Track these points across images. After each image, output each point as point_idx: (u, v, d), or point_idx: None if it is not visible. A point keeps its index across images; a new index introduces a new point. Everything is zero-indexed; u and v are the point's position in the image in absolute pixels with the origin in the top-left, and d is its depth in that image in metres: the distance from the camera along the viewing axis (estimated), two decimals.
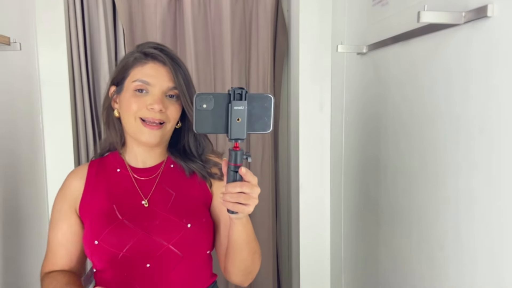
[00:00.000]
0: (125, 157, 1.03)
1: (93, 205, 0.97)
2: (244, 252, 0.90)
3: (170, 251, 0.93)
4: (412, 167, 1.13)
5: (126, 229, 0.93)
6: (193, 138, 1.03)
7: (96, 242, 0.92)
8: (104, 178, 1.00)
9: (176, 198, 0.98)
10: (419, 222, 1.10)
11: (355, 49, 1.40)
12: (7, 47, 1.26)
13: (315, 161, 1.85)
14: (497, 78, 0.80)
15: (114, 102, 1.01)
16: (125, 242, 0.92)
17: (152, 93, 0.94)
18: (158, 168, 1.02)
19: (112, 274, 0.95)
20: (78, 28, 1.77)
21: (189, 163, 1.00)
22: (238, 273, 0.95)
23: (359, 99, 1.49)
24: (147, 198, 0.98)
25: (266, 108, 0.76)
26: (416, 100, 1.10)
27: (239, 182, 0.76)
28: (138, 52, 0.98)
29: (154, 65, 0.95)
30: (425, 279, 1.07)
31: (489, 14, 0.80)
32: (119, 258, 0.92)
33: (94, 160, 1.05)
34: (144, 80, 0.94)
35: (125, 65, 0.98)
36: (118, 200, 0.97)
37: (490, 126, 0.82)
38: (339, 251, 1.77)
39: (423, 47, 1.05)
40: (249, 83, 2.07)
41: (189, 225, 0.95)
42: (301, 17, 1.78)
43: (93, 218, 0.95)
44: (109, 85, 1.02)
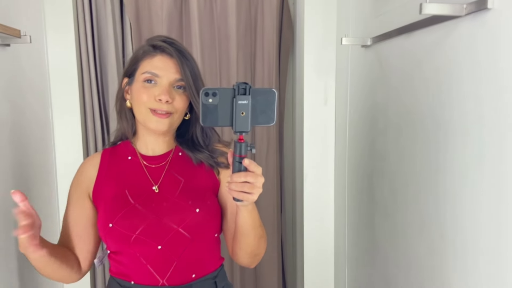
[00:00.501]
0: (136, 145, 1.07)
1: (106, 191, 1.02)
2: (251, 236, 0.95)
3: (180, 234, 0.98)
4: (415, 159, 1.15)
5: (138, 213, 0.98)
6: (200, 129, 1.07)
7: (110, 225, 0.97)
8: (116, 165, 1.05)
9: (185, 184, 1.03)
10: (420, 213, 1.12)
11: (360, 41, 1.42)
12: (18, 39, 1.28)
13: (319, 154, 1.87)
14: (498, 69, 0.82)
15: (126, 93, 1.05)
16: (137, 225, 0.97)
17: (160, 84, 0.98)
18: (167, 156, 1.06)
19: (125, 255, 1.00)
20: (86, 22, 1.80)
21: (196, 153, 1.05)
22: (245, 255, 1.00)
23: (364, 92, 1.51)
24: (157, 184, 1.02)
25: (269, 102, 0.80)
26: (420, 92, 1.11)
27: (243, 172, 0.80)
28: (147, 45, 1.02)
29: (162, 58, 0.99)
30: (427, 269, 1.10)
31: (489, 6, 0.81)
32: (131, 240, 0.97)
33: (107, 149, 1.10)
34: (152, 72, 0.98)
35: (135, 57, 1.03)
36: (130, 186, 1.02)
37: (491, 118, 0.84)
38: (343, 241, 1.79)
39: (427, 39, 1.07)
40: (254, 76, 2.09)
41: (197, 209, 0.99)
42: (306, 11, 1.79)
43: (106, 203, 1.00)
44: (122, 77, 1.07)
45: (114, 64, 1.82)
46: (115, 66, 1.83)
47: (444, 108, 1.00)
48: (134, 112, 1.02)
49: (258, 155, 2.08)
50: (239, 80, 2.04)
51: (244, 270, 2.14)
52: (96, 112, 1.85)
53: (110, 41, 1.82)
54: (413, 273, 1.17)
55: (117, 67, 1.84)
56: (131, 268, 1.00)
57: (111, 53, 1.82)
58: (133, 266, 1.00)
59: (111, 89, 1.84)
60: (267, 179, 2.09)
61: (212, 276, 1.05)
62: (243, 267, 2.13)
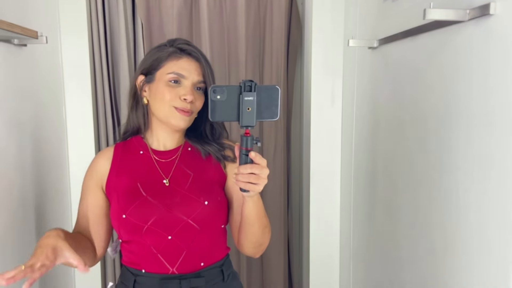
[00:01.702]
0: (147, 140, 1.13)
1: (119, 183, 1.08)
2: (256, 226, 1.00)
3: (189, 225, 1.04)
4: (419, 160, 1.17)
5: (150, 205, 1.03)
6: (210, 126, 1.13)
7: (124, 216, 1.03)
8: (128, 159, 1.11)
9: (194, 178, 1.08)
10: (425, 214, 1.14)
11: (366, 43, 1.44)
12: (35, 40, 1.32)
13: (326, 153, 1.90)
14: (498, 74, 0.84)
15: (142, 91, 1.10)
16: (149, 216, 1.02)
17: (184, 84, 1.05)
18: (177, 151, 1.12)
19: (136, 244, 1.06)
20: (99, 22, 1.84)
21: (205, 146, 1.11)
22: (250, 245, 1.05)
23: (370, 93, 1.53)
24: (168, 177, 1.08)
25: (273, 98, 0.86)
26: (425, 94, 1.13)
27: (249, 164, 0.86)
28: (173, 46, 1.07)
29: (188, 60, 1.06)
30: (431, 269, 1.12)
31: (491, 12, 0.83)
32: (143, 230, 1.02)
33: (119, 143, 1.15)
34: (179, 73, 1.04)
35: (158, 57, 1.07)
36: (141, 179, 1.07)
37: (493, 120, 0.86)
38: (348, 240, 1.82)
39: (431, 42, 1.09)
40: (262, 75, 2.12)
41: (206, 202, 1.05)
42: (314, 12, 1.81)
43: (119, 195, 1.06)
44: (137, 74, 1.11)
45: (126, 63, 1.86)
46: (126, 65, 1.87)
47: (448, 109, 1.02)
48: (153, 108, 1.07)
49: (266, 154, 2.11)
50: (247, 78, 2.07)
51: (251, 265, 2.18)
52: (108, 110, 1.89)
53: (122, 41, 1.86)
54: (417, 274, 1.20)
55: (129, 65, 1.88)
56: (142, 257, 1.06)
57: (123, 52, 1.86)
58: (144, 255, 1.05)
59: (122, 87, 1.88)
60: (274, 177, 2.12)
61: (219, 265, 1.11)
62: (250, 262, 2.17)
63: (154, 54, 1.08)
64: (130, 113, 1.14)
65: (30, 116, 1.45)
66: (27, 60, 1.43)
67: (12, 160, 1.30)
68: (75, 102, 1.81)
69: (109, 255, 1.42)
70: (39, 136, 1.54)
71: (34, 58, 1.50)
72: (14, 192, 1.30)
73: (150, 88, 1.07)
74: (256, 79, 2.09)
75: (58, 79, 1.76)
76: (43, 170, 1.58)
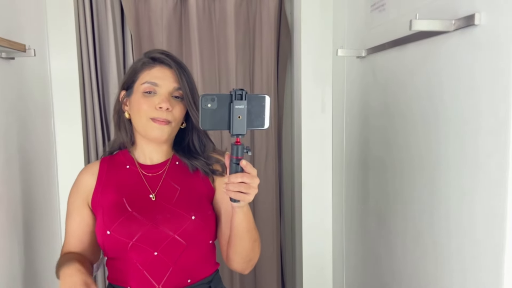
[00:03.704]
0: (134, 154, 1.11)
1: (105, 199, 1.05)
2: (245, 239, 0.98)
3: (176, 240, 1.01)
4: (409, 166, 1.18)
5: (136, 220, 1.01)
6: (197, 137, 1.11)
7: (108, 232, 1.00)
8: (114, 174, 1.08)
9: (181, 193, 1.06)
10: (415, 219, 1.15)
11: (355, 53, 1.45)
12: (23, 53, 1.32)
13: (317, 160, 1.91)
14: (483, 83, 0.85)
15: (124, 105, 1.09)
16: (134, 232, 1.00)
17: (160, 93, 1.02)
18: (164, 165, 1.10)
19: (122, 261, 1.03)
20: (88, 34, 1.84)
21: (193, 160, 1.08)
22: (240, 260, 1.03)
23: (359, 101, 1.54)
24: (154, 192, 1.06)
25: (263, 106, 0.86)
26: (412, 102, 1.15)
27: (240, 173, 0.85)
28: (146, 57, 1.06)
29: (160, 68, 1.04)
30: (421, 274, 1.13)
31: (476, 22, 0.85)
32: (129, 247, 1.00)
33: (105, 158, 1.13)
34: (152, 81, 1.02)
35: (134, 70, 1.07)
36: (127, 194, 1.05)
37: (479, 127, 0.87)
38: (341, 247, 1.82)
39: (418, 52, 1.10)
40: (253, 84, 2.13)
41: (193, 217, 1.02)
42: (303, 22, 1.83)
43: (104, 210, 1.03)
44: (120, 90, 1.10)
45: (115, 74, 1.86)
46: (116, 76, 1.86)
47: (436, 117, 1.03)
48: (133, 122, 1.06)
49: (257, 162, 2.11)
50: (238, 87, 2.07)
51: (243, 276, 2.17)
52: (98, 121, 1.88)
53: (111, 52, 1.86)
54: (408, 278, 1.20)
55: (118, 77, 1.87)
56: (128, 274, 1.03)
57: (112, 63, 1.86)
58: (130, 272, 1.02)
59: (112, 100, 1.88)
60: (266, 185, 2.12)
61: (207, 281, 1.08)
62: None
63: (131, 67, 1.09)
64: (115, 130, 1.12)
65: (18, 129, 1.44)
66: (15, 73, 1.42)
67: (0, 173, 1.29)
68: (63, 115, 1.80)
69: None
70: (28, 149, 1.53)
71: (22, 71, 1.49)
72: (1, 205, 1.29)
73: (130, 102, 1.06)
74: (246, 88, 2.10)
75: (46, 92, 1.75)
76: (32, 183, 1.56)
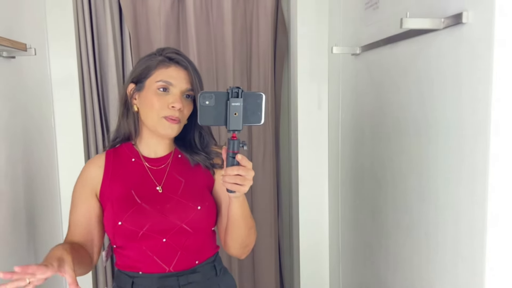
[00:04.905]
0: (138, 147, 1.15)
1: (113, 191, 1.10)
2: (241, 227, 1.05)
3: (183, 229, 1.08)
4: (401, 162, 1.21)
5: (145, 211, 1.07)
6: (198, 134, 1.16)
7: (119, 223, 1.06)
8: (120, 166, 1.14)
9: (185, 184, 1.13)
10: (406, 214, 1.18)
11: (349, 50, 1.48)
12: (23, 52, 1.34)
13: (313, 156, 1.94)
14: (467, 79, 0.88)
15: (133, 99, 1.12)
16: (144, 222, 1.06)
17: (173, 93, 1.07)
18: (167, 158, 1.15)
19: (132, 249, 1.09)
20: (87, 33, 1.86)
21: (194, 155, 1.14)
22: (236, 245, 1.10)
23: (354, 97, 1.57)
24: (160, 184, 1.12)
25: (258, 104, 0.91)
26: (405, 98, 1.17)
27: (236, 166, 0.91)
28: (161, 55, 1.10)
29: (176, 68, 1.09)
30: (414, 268, 1.16)
31: (464, 20, 0.88)
32: (139, 236, 1.06)
33: (109, 150, 1.17)
34: (167, 81, 1.07)
35: (148, 66, 1.10)
36: (135, 187, 1.11)
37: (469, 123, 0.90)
38: (337, 241, 1.85)
39: (410, 49, 1.13)
40: (250, 82, 2.15)
41: (199, 207, 1.10)
42: (299, 19, 1.86)
43: (113, 202, 1.09)
44: (128, 82, 1.13)
45: (114, 72, 1.88)
46: (115, 74, 1.88)
47: (426, 113, 1.06)
48: (143, 116, 1.10)
49: (255, 158, 2.14)
50: (235, 84, 2.10)
51: (242, 266, 2.20)
52: (97, 119, 1.91)
53: (110, 50, 1.88)
54: (401, 272, 1.23)
55: (117, 74, 1.90)
56: (139, 260, 1.09)
57: (111, 61, 1.88)
58: (140, 258, 1.09)
59: (111, 97, 1.90)
60: (264, 181, 2.15)
61: (211, 261, 1.16)
62: (241, 265, 2.20)
63: (144, 62, 1.11)
64: (121, 121, 1.16)
65: (19, 127, 1.46)
66: (15, 71, 1.45)
67: (2, 169, 1.32)
68: (64, 112, 1.82)
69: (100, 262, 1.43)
70: (29, 145, 1.55)
71: (23, 70, 1.51)
72: (4, 202, 1.31)
73: (140, 96, 1.10)
74: (243, 85, 2.12)
75: (46, 90, 1.77)
76: (33, 180, 1.59)
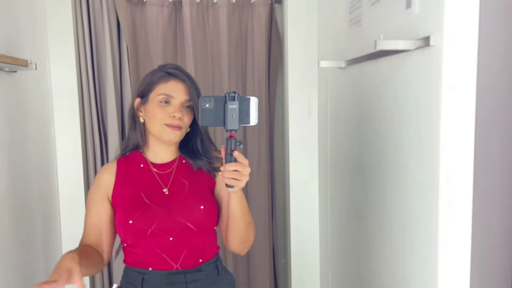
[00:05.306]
0: (146, 155, 1.26)
1: (124, 194, 1.21)
2: (241, 222, 1.15)
3: (188, 227, 1.18)
4: (379, 168, 1.28)
5: (153, 211, 1.18)
6: (200, 140, 1.27)
7: (130, 221, 1.16)
8: (130, 172, 1.24)
9: (189, 187, 1.23)
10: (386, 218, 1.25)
11: (336, 64, 1.55)
12: (25, 67, 1.41)
13: (304, 162, 2.02)
14: (439, 94, 0.95)
15: (139, 111, 1.24)
16: (152, 221, 1.17)
17: (173, 104, 1.18)
18: (173, 163, 1.26)
19: (141, 247, 1.19)
20: (86, 47, 1.93)
21: (196, 160, 1.25)
22: (236, 241, 1.19)
23: (340, 108, 1.64)
24: (167, 187, 1.23)
25: (253, 106, 1.02)
26: (384, 110, 1.24)
27: (233, 163, 1.02)
28: (162, 71, 1.22)
29: (175, 82, 1.20)
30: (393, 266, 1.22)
31: (431, 43, 0.94)
32: (148, 234, 1.16)
33: (121, 158, 1.28)
34: (168, 94, 1.18)
35: (150, 81, 1.22)
36: (144, 189, 1.21)
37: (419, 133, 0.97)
38: (326, 243, 1.92)
39: (387, 66, 1.20)
40: (245, 90, 2.22)
41: (202, 207, 1.20)
42: (290, 34, 1.95)
43: (125, 204, 1.19)
44: (134, 97, 1.25)
45: (112, 84, 1.94)
46: (112, 86, 1.94)
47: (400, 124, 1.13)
48: (148, 126, 1.22)
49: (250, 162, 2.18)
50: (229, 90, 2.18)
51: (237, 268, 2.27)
52: (95, 129, 1.97)
53: (108, 62, 1.93)
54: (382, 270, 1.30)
55: (115, 87, 1.95)
56: (148, 257, 1.18)
57: (109, 74, 1.94)
58: (149, 256, 1.18)
59: (109, 106, 1.95)
60: (259, 186, 2.21)
61: (213, 261, 1.26)
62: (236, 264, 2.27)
63: (147, 78, 1.23)
64: (130, 132, 1.27)
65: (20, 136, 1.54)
66: (17, 85, 1.52)
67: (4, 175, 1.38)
68: (63, 122, 1.90)
69: None
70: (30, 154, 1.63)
71: (24, 83, 1.59)
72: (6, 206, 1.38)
73: (145, 109, 1.21)
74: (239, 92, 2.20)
75: (47, 101, 1.85)
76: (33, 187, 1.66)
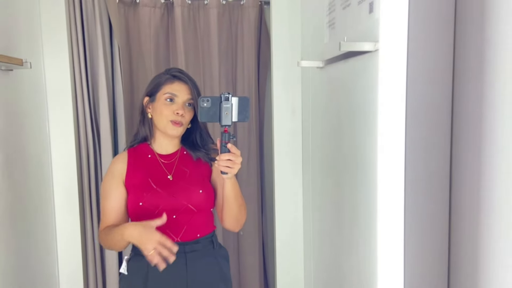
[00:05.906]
0: (153, 146, 1.46)
1: (135, 179, 1.41)
2: (234, 204, 1.37)
3: (189, 208, 1.40)
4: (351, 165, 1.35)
5: (160, 194, 1.38)
6: (199, 135, 1.47)
7: (140, 203, 1.36)
8: (140, 161, 1.44)
9: (190, 174, 1.44)
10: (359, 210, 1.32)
11: (315, 64, 1.62)
12: (20, 66, 1.49)
13: (288, 159, 2.10)
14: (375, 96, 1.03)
15: (147, 108, 1.44)
16: (159, 203, 1.37)
17: (177, 102, 1.39)
18: (176, 154, 1.47)
19: None
20: (79, 46, 2.01)
21: (196, 151, 1.46)
22: (231, 220, 1.42)
23: (320, 106, 1.71)
24: (171, 174, 1.43)
25: (245, 105, 1.24)
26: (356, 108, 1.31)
27: (227, 153, 1.23)
28: (168, 74, 1.42)
29: (179, 83, 1.40)
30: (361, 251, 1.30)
31: (375, 47, 1.03)
32: (155, 213, 1.35)
33: (131, 149, 1.47)
34: (172, 93, 1.39)
35: (158, 82, 1.42)
36: (151, 176, 1.41)
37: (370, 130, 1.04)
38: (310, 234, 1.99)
39: (358, 65, 1.27)
40: (235, 89, 2.30)
41: (200, 191, 1.41)
42: (274, 34, 2.03)
43: (136, 188, 1.39)
44: (144, 96, 1.44)
45: (104, 83, 2.01)
46: (105, 85, 2.01)
47: (369, 121, 1.20)
48: (155, 121, 1.41)
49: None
50: (221, 91, 2.26)
51: None
52: (88, 126, 2.05)
53: (100, 62, 2.01)
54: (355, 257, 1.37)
55: (107, 85, 2.03)
56: None
57: (101, 72, 2.01)
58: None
59: (102, 104, 2.03)
60: (248, 184, 2.29)
61: (210, 236, 1.47)
62: None
63: (155, 80, 1.44)
64: (139, 126, 1.46)
65: (16, 133, 1.62)
66: (13, 83, 1.60)
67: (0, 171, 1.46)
68: (57, 119, 1.98)
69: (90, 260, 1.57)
70: (25, 151, 1.71)
71: (20, 81, 1.67)
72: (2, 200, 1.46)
73: (153, 106, 1.41)
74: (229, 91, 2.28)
75: (42, 99, 1.93)
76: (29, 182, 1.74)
